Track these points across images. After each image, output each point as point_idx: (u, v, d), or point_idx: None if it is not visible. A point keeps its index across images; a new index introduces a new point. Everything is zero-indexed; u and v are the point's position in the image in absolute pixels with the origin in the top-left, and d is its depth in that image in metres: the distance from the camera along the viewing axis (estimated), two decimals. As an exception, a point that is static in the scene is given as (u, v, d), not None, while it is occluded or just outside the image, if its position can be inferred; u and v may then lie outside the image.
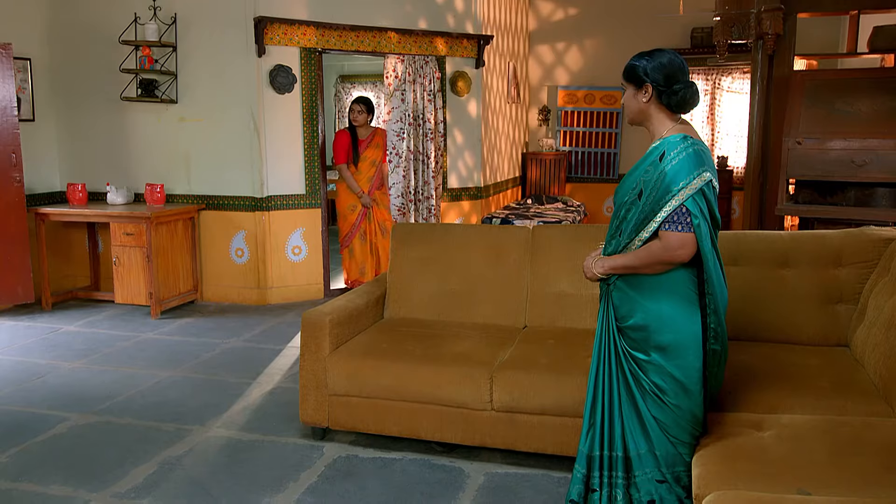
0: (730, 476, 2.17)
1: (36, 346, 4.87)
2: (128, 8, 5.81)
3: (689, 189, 2.25)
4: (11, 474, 3.06)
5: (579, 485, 2.46)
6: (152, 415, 3.68)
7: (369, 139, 5.94)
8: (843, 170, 4.19)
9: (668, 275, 2.34)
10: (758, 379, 2.84)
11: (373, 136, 5.97)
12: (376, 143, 5.98)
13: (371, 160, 5.94)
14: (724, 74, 8.59)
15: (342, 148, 5.88)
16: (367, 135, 5.95)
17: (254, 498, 2.85)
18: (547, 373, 2.99)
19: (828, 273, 3.26)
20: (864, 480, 2.10)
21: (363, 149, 5.91)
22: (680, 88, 2.33)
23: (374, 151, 5.95)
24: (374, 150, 5.96)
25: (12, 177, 5.50)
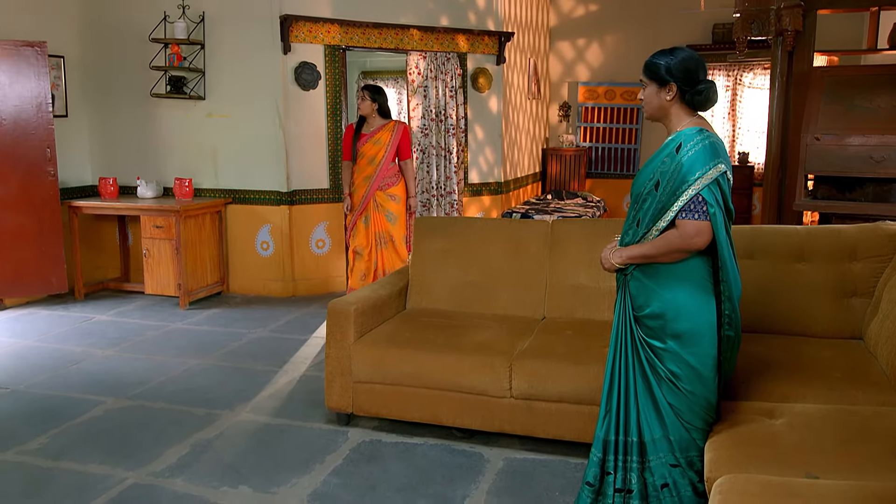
0: (741, 460, 2.25)
1: (71, 335, 5.04)
2: (157, 7, 5.96)
3: (705, 179, 2.32)
4: (52, 454, 3.21)
5: (595, 468, 2.55)
6: (183, 400, 3.83)
7: (372, 133, 5.21)
8: (862, 166, 4.23)
9: (684, 263, 2.41)
10: (772, 369, 2.91)
11: (378, 130, 5.21)
12: (379, 138, 5.18)
13: (369, 157, 5.18)
14: (746, 70, 8.58)
15: (344, 142, 5.40)
16: (373, 128, 5.22)
17: (282, 478, 2.98)
18: (564, 362, 3.08)
19: (843, 267, 3.31)
20: (872, 466, 2.17)
21: (361, 143, 5.21)
22: (704, 88, 2.40)
23: (373, 147, 5.18)
24: (375, 146, 5.18)
25: (47, 171, 5.69)
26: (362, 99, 5.17)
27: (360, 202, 5.22)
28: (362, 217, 5.23)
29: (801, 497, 1.97)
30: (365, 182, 5.20)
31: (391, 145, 5.19)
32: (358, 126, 5.23)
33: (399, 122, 5.25)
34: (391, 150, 5.19)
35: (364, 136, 5.20)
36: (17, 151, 5.55)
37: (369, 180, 5.19)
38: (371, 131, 5.20)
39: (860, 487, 2.01)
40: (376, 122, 5.21)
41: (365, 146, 5.18)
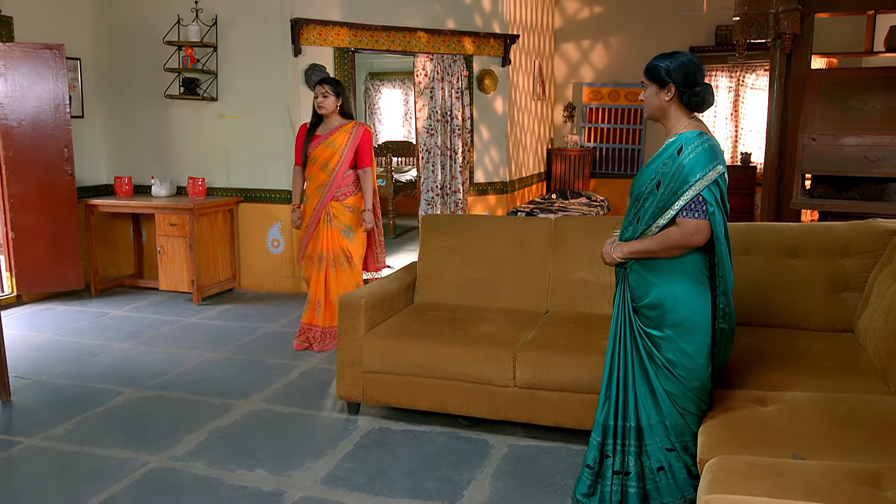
0: (732, 443, 2.38)
1: (88, 329, 5.20)
2: (171, 10, 6.12)
3: (706, 180, 2.46)
4: (76, 440, 3.36)
5: (595, 451, 2.68)
6: (200, 390, 3.98)
7: (327, 135, 4.50)
8: (857, 165, 4.35)
9: (682, 259, 2.54)
10: (765, 360, 3.03)
11: (335, 131, 4.50)
12: (333, 141, 4.48)
13: (321, 163, 4.47)
14: (748, 72, 8.70)
15: (296, 144, 4.68)
16: (329, 129, 4.51)
17: (296, 462, 3.12)
18: (566, 353, 3.22)
19: (835, 263, 3.43)
20: (856, 448, 2.30)
21: (313, 146, 4.51)
22: (700, 90, 2.54)
23: (326, 151, 4.47)
24: (328, 149, 4.47)
25: (64, 170, 5.85)
26: (324, 95, 4.45)
27: (311, 215, 4.56)
28: (314, 233, 4.59)
29: (787, 476, 2.09)
30: (318, 191, 4.53)
31: (348, 149, 4.48)
32: (312, 126, 4.57)
33: (359, 124, 4.59)
34: (348, 154, 4.48)
35: (317, 138, 4.52)
36: (36, 151, 5.71)
37: (322, 189, 4.51)
38: (326, 132, 4.52)
39: (842, 467, 2.13)
40: (334, 121, 4.54)
41: (317, 149, 4.49)
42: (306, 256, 4.66)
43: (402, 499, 2.82)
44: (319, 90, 4.45)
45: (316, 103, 4.46)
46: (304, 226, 4.59)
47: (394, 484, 2.93)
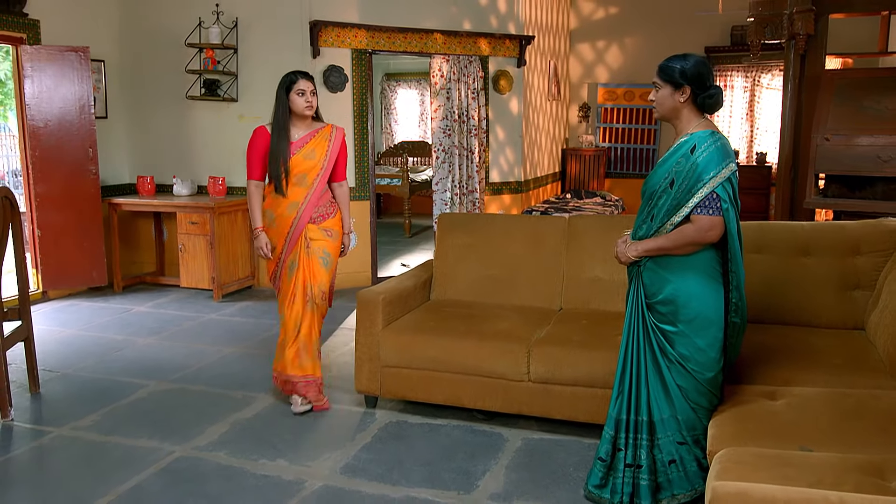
0: (741, 436, 2.44)
1: (111, 325, 5.33)
2: (193, 13, 6.24)
3: (719, 178, 2.52)
4: (104, 430, 3.48)
5: (607, 445, 2.75)
6: (221, 384, 4.08)
7: (303, 141, 3.65)
8: (870, 165, 4.38)
9: (695, 255, 2.61)
10: (775, 356, 3.08)
11: (311, 137, 3.68)
12: (313, 150, 3.67)
13: (298, 175, 3.63)
14: (764, 72, 8.70)
15: (253, 153, 3.66)
16: (303, 133, 3.67)
17: (315, 453, 3.22)
18: (579, 348, 3.29)
19: (846, 261, 3.47)
20: (862, 441, 2.35)
21: (292, 152, 3.61)
22: (715, 92, 2.61)
23: (305, 162, 3.64)
24: (308, 160, 3.64)
25: (89, 170, 5.99)
26: (313, 93, 3.63)
27: (284, 241, 3.66)
28: (288, 263, 3.70)
29: (793, 466, 2.15)
30: (290, 211, 3.64)
31: (328, 159, 3.69)
32: (275, 131, 3.62)
33: (337, 127, 3.80)
34: (328, 165, 3.70)
35: (292, 146, 3.62)
36: (62, 151, 5.85)
37: (296, 208, 3.64)
38: (300, 138, 3.65)
39: (847, 459, 2.19)
40: (306, 125, 3.69)
41: (294, 159, 3.61)
42: (280, 291, 3.76)
43: (418, 488, 2.90)
44: (306, 85, 3.62)
45: (302, 102, 3.60)
46: (278, 255, 3.70)
47: (411, 474, 3.02)
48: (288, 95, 3.63)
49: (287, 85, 3.64)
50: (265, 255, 3.70)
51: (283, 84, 3.66)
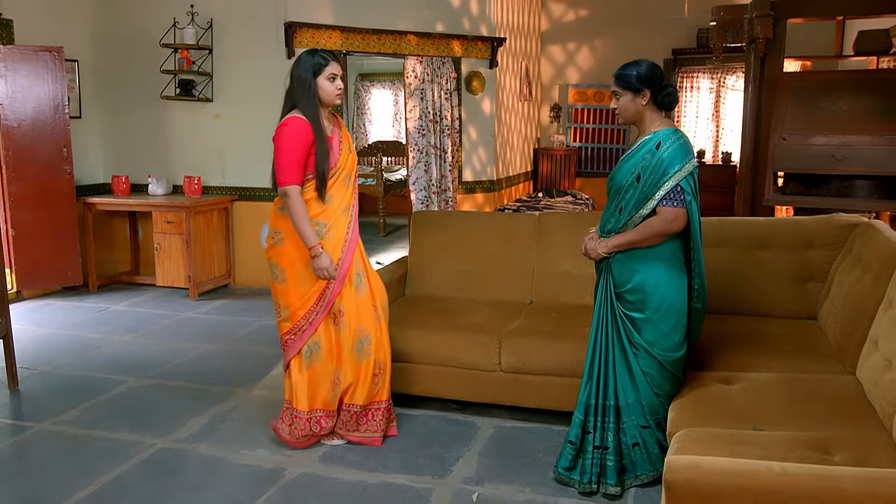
0: (698, 418, 2.60)
1: (88, 323, 5.36)
2: (167, 13, 6.28)
3: (683, 172, 2.70)
4: (84, 424, 3.54)
5: (577, 428, 2.90)
6: (200, 378, 4.16)
7: (338, 135, 3.22)
8: (825, 164, 4.58)
9: (661, 246, 2.78)
10: (733, 345, 3.25)
11: (338, 127, 3.25)
12: (346, 139, 3.26)
13: (346, 174, 3.22)
14: (729, 73, 8.95)
15: (297, 152, 3.05)
16: (331, 126, 3.21)
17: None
18: (549, 339, 3.43)
19: (801, 254, 3.65)
20: (811, 421, 2.52)
21: (336, 154, 3.16)
22: (671, 90, 2.78)
23: (350, 157, 3.25)
24: (352, 154, 3.27)
25: (63, 169, 6.00)
26: (331, 78, 3.08)
27: (341, 252, 3.16)
28: (353, 276, 3.22)
29: (745, 444, 2.31)
30: (346, 216, 3.20)
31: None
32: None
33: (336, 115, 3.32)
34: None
35: (333, 140, 3.17)
36: (36, 151, 5.85)
37: (349, 213, 3.22)
38: (332, 131, 3.20)
39: (796, 437, 2.35)
40: (326, 115, 3.20)
41: (342, 157, 3.19)
42: (329, 312, 3.18)
43: (395, 474, 3.02)
44: (337, 69, 3.11)
45: (334, 89, 3.10)
46: (338, 267, 3.14)
47: (387, 461, 3.13)
48: (315, 80, 3.08)
49: (314, 68, 3.05)
50: (331, 275, 3.08)
51: (308, 67, 3.06)
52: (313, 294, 3.12)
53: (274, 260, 3.19)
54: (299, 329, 3.15)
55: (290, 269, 3.12)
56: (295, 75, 3.10)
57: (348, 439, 3.31)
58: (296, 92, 3.08)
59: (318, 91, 3.08)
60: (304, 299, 3.12)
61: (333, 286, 3.13)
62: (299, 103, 3.08)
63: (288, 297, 3.15)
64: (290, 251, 3.12)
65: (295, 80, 3.10)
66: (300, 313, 3.13)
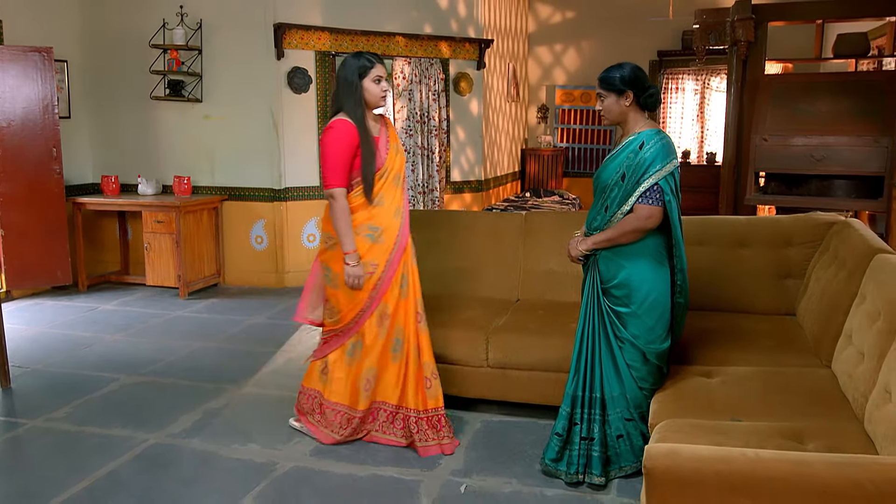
0: (679, 410, 2.68)
1: (78, 322, 5.39)
2: (157, 14, 6.32)
3: (663, 171, 2.78)
4: (77, 421, 3.58)
5: (564, 420, 2.97)
6: (192, 376, 4.21)
7: (385, 134, 3.25)
8: (804, 164, 4.69)
9: (645, 243, 2.86)
10: (714, 340, 3.34)
11: (385, 126, 3.29)
12: (393, 139, 3.28)
13: (395, 175, 3.23)
14: (713, 75, 9.07)
15: (345, 154, 3.09)
16: (377, 126, 3.25)
17: (285, 437, 3.38)
18: (535, 335, 3.51)
19: (780, 252, 3.75)
20: (787, 412, 2.60)
21: (382, 154, 3.19)
22: (654, 91, 2.88)
23: (398, 158, 3.26)
24: (399, 155, 3.27)
25: (53, 169, 6.00)
26: (376, 80, 3.14)
27: (388, 256, 3.20)
28: (398, 279, 3.24)
29: (723, 434, 2.39)
30: (396, 218, 3.22)
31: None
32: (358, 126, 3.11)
33: (384, 116, 3.38)
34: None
35: (379, 140, 3.20)
36: (25, 151, 5.85)
37: (400, 214, 3.24)
38: (379, 131, 3.24)
39: (772, 427, 2.44)
40: (372, 116, 3.23)
41: (389, 157, 3.21)
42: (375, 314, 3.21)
43: (384, 467, 3.08)
44: (382, 71, 3.17)
45: (379, 91, 3.15)
46: (379, 276, 3.18)
47: (377, 455, 3.20)
48: (361, 82, 3.12)
49: (360, 70, 3.11)
50: (359, 285, 3.11)
51: (354, 69, 3.11)
52: (363, 298, 3.18)
53: (327, 263, 3.24)
54: (345, 328, 3.23)
55: (343, 274, 3.16)
56: (341, 77, 3.15)
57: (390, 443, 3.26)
58: (342, 94, 3.14)
59: (364, 93, 3.13)
60: (354, 303, 3.18)
61: (380, 287, 3.18)
62: (345, 105, 3.12)
63: (339, 300, 3.21)
64: (342, 255, 3.14)
65: (341, 83, 3.14)
66: (350, 315, 3.20)
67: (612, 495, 2.86)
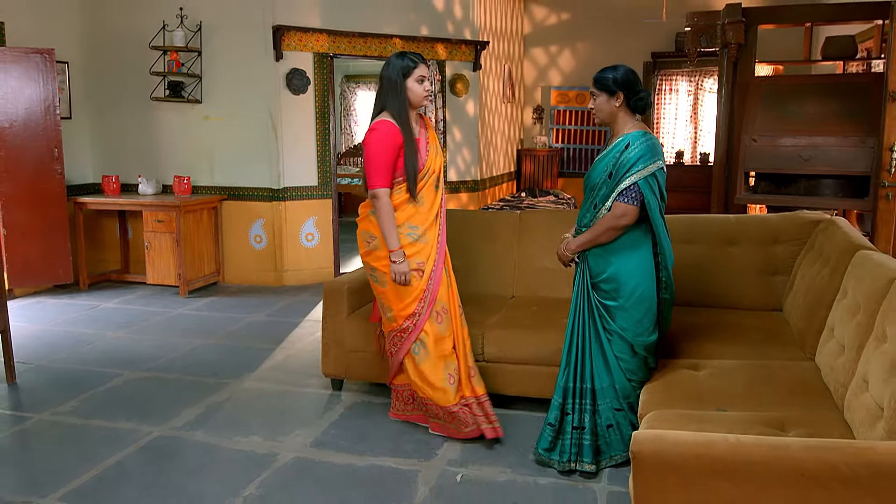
0: (667, 401, 2.78)
1: (80, 320, 5.47)
2: (157, 16, 6.40)
3: (645, 171, 2.89)
4: (83, 414, 3.67)
5: (556, 411, 3.07)
6: (194, 371, 4.30)
7: (424, 133, 3.35)
8: (792, 164, 4.80)
9: (633, 240, 2.97)
10: (702, 335, 3.44)
11: (423, 127, 3.37)
12: (433, 139, 3.37)
13: (436, 176, 3.32)
14: (707, 76, 9.19)
15: (389, 154, 3.16)
16: (418, 127, 3.32)
17: (286, 430, 3.47)
18: (529, 330, 3.61)
19: (767, 250, 3.86)
20: (771, 403, 2.71)
21: (423, 155, 3.27)
22: (645, 95, 2.98)
23: (437, 159, 3.34)
24: (439, 156, 3.36)
25: (54, 169, 6.10)
26: (420, 80, 3.22)
27: (436, 255, 3.31)
28: (446, 277, 3.37)
29: (709, 422, 2.49)
30: (435, 219, 3.32)
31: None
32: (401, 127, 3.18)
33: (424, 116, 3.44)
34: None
35: (420, 142, 3.27)
36: (27, 151, 5.95)
37: (439, 215, 3.35)
38: (419, 131, 3.31)
39: (756, 416, 2.54)
40: (413, 116, 3.29)
41: (430, 158, 3.29)
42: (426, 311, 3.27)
43: (383, 457, 3.18)
44: (426, 71, 3.25)
45: (423, 91, 3.23)
46: (428, 276, 3.26)
47: (376, 446, 3.29)
48: (405, 82, 3.19)
49: (403, 71, 3.18)
50: (406, 282, 3.20)
51: (397, 69, 3.18)
52: (415, 297, 3.23)
53: (372, 263, 3.29)
54: (405, 330, 3.28)
55: (389, 272, 3.22)
56: (385, 77, 3.20)
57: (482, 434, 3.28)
58: (385, 94, 3.20)
59: (408, 93, 3.19)
60: (406, 302, 3.23)
61: (433, 287, 3.25)
62: (389, 105, 3.19)
63: (389, 298, 3.27)
64: (385, 254, 3.20)
65: (385, 83, 3.20)
66: (404, 314, 3.25)
67: (602, 483, 2.96)
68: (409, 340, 3.28)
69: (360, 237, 3.36)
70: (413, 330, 3.26)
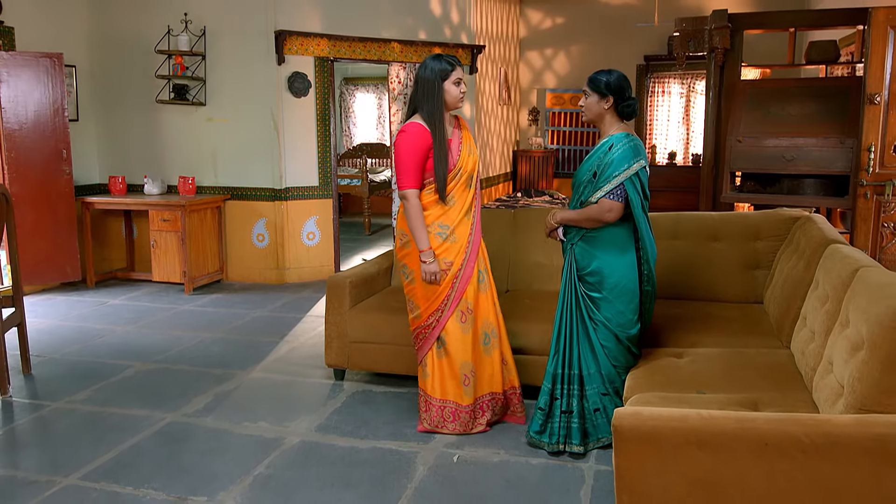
0: (650, 385, 2.97)
1: (89, 316, 5.66)
2: (162, 21, 6.59)
3: (629, 171, 3.09)
4: (98, 402, 3.86)
5: (546, 396, 3.27)
6: (202, 363, 4.48)
7: (458, 134, 3.40)
8: (776, 164, 5.00)
9: (616, 235, 3.18)
10: (686, 325, 3.63)
11: (457, 127, 3.43)
12: (467, 139, 3.42)
13: (468, 176, 3.37)
14: (698, 79, 9.39)
15: (418, 156, 3.24)
16: (451, 129, 3.38)
17: (292, 416, 3.66)
18: (522, 322, 3.79)
19: (749, 245, 4.05)
20: (747, 386, 2.89)
21: (455, 155, 3.32)
22: (632, 102, 3.18)
23: (471, 159, 3.39)
24: (472, 156, 3.40)
25: (63, 170, 6.29)
26: (457, 83, 3.29)
27: (464, 255, 3.34)
28: (476, 277, 3.40)
29: (688, 403, 2.68)
30: (467, 218, 3.36)
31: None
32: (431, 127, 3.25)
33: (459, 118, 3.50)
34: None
35: (453, 142, 3.33)
36: (36, 152, 6.14)
37: (472, 215, 3.38)
38: (453, 132, 3.36)
39: (731, 398, 2.73)
40: (447, 118, 3.35)
41: (461, 157, 3.34)
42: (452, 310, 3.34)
43: (384, 440, 3.37)
44: (462, 74, 3.30)
45: (458, 93, 3.29)
46: (454, 274, 3.32)
47: (377, 431, 3.48)
48: (442, 84, 3.24)
49: (441, 73, 3.22)
50: (437, 281, 3.27)
51: (435, 72, 3.22)
52: (440, 294, 3.31)
53: (404, 261, 3.39)
54: (428, 326, 3.37)
55: (419, 271, 3.31)
56: (421, 79, 3.24)
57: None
58: (420, 96, 3.25)
59: (445, 95, 3.25)
60: (432, 299, 3.32)
61: (458, 286, 3.32)
62: (423, 107, 3.24)
63: (417, 295, 3.37)
64: (416, 253, 3.29)
65: (421, 84, 3.25)
66: (429, 311, 3.34)
67: (590, 463, 3.15)
68: (431, 337, 3.37)
69: (396, 234, 3.46)
70: (436, 326, 3.34)
